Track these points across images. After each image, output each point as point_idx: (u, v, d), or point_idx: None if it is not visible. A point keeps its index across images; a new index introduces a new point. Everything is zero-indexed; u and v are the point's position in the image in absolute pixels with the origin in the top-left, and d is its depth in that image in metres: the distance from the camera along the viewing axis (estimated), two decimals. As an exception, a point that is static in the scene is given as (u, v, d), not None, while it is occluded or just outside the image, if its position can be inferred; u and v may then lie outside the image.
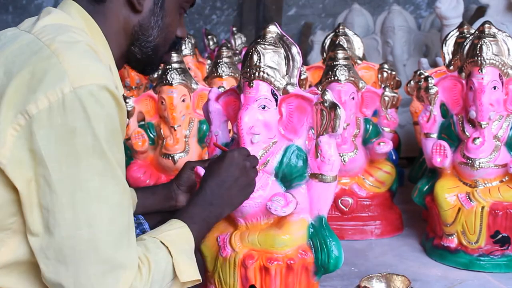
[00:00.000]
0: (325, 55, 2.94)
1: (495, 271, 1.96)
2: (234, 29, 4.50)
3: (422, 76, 2.61)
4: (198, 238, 1.38)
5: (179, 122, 2.38)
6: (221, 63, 2.80)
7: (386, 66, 2.87)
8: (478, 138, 1.98)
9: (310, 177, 1.55)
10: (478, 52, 1.95)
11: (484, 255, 1.99)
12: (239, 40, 4.35)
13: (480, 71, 1.95)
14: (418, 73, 2.78)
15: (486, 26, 1.99)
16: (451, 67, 2.27)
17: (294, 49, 1.55)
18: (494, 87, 1.96)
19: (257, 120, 1.53)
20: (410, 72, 3.58)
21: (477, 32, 2.02)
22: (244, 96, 1.56)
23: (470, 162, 2.00)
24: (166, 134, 2.42)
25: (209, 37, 4.44)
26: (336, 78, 2.33)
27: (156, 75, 2.88)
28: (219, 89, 1.82)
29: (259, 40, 1.56)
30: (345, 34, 2.90)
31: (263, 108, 1.54)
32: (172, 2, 1.35)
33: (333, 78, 2.34)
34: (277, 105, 1.56)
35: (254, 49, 1.54)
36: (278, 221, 1.56)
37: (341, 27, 2.95)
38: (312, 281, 1.58)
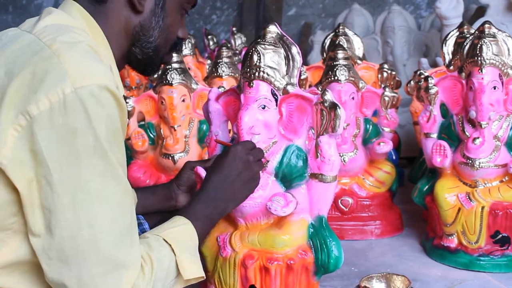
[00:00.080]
0: (325, 55, 2.94)
1: (495, 271, 1.96)
2: (234, 29, 4.50)
3: (422, 76, 2.61)
4: (202, 235, 1.38)
5: (179, 122, 2.38)
6: (221, 63, 2.80)
7: (386, 66, 2.87)
8: (478, 138, 1.98)
9: (310, 177, 1.55)
10: (478, 52, 1.95)
11: (484, 255, 1.99)
12: (239, 40, 4.34)
13: (480, 71, 1.95)
14: (418, 73, 2.77)
15: (486, 26, 1.99)
16: (451, 67, 2.27)
17: (294, 49, 1.55)
18: (494, 87, 1.96)
19: (257, 120, 1.53)
20: (410, 72, 3.57)
21: (477, 32, 2.02)
22: (244, 96, 1.56)
23: (470, 162, 2.00)
24: (166, 134, 2.42)
25: (209, 37, 4.44)
26: (336, 78, 2.33)
27: (156, 75, 2.88)
28: (219, 89, 1.81)
29: (259, 40, 1.56)
30: (345, 34, 2.90)
31: (263, 108, 1.54)
32: (173, 3, 1.35)
33: (333, 78, 2.34)
34: (277, 105, 1.55)
35: (254, 49, 1.54)
36: (278, 221, 1.56)
37: (341, 27, 2.94)
38: (312, 281, 1.58)
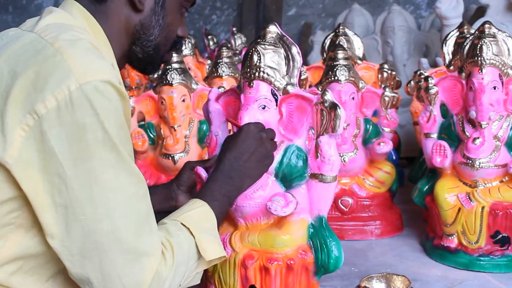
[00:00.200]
0: (325, 55, 2.93)
1: (495, 271, 1.96)
2: (234, 29, 4.50)
3: (422, 76, 2.61)
4: (221, 214, 1.39)
5: (179, 122, 2.38)
6: (221, 63, 2.80)
7: (386, 66, 2.86)
8: (478, 138, 1.98)
9: (310, 177, 1.55)
10: (478, 52, 1.95)
11: (484, 255, 1.99)
12: (239, 40, 4.34)
13: (480, 71, 1.94)
14: (418, 73, 2.77)
15: (486, 26, 1.99)
16: (451, 67, 2.26)
17: (294, 49, 1.55)
18: (494, 87, 1.96)
19: (257, 120, 1.53)
20: (410, 72, 3.57)
21: (477, 32, 2.02)
22: (244, 96, 1.56)
23: (470, 162, 2.00)
24: (166, 134, 2.42)
25: (209, 37, 4.44)
26: (336, 78, 2.33)
27: (156, 75, 2.88)
28: (219, 89, 1.81)
29: (259, 40, 1.55)
30: (345, 34, 2.90)
31: (263, 108, 1.54)
32: (173, 1, 1.35)
33: (333, 78, 2.33)
34: (277, 105, 1.55)
35: (254, 49, 1.54)
36: (278, 221, 1.55)
37: (341, 27, 2.94)
38: (312, 281, 1.58)
